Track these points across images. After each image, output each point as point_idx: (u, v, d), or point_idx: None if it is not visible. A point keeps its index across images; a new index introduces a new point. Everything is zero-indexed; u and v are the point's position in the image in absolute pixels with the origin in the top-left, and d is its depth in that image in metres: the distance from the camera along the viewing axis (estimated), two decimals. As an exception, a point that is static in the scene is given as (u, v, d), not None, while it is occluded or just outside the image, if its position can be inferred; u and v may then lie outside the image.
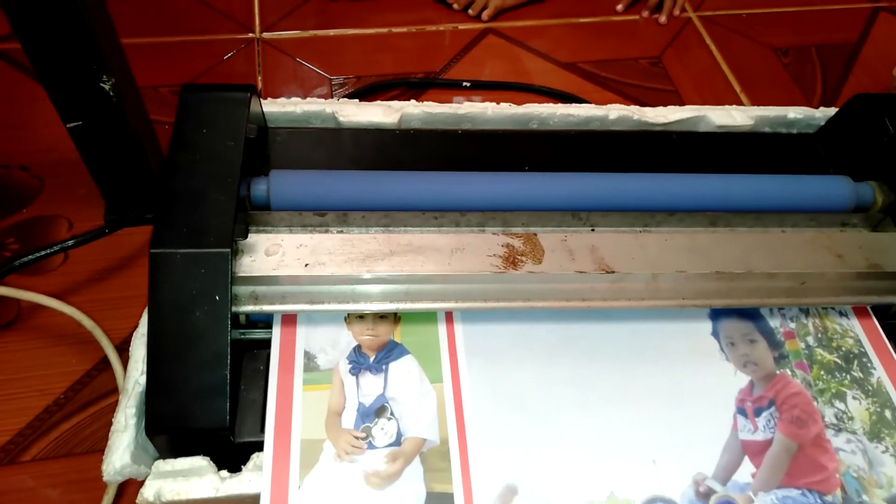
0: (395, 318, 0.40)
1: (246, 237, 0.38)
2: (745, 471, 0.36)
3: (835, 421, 0.38)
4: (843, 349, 0.41)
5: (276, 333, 0.39)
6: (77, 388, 0.45)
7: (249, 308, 0.37)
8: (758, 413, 0.38)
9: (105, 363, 0.46)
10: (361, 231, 0.42)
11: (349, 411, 0.36)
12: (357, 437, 0.35)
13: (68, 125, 0.45)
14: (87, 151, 0.47)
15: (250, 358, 0.39)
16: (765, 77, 0.74)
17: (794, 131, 0.54)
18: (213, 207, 0.37)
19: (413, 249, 0.39)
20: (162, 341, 0.35)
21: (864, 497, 0.36)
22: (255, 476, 0.35)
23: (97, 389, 0.45)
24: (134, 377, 0.37)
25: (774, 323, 0.41)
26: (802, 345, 0.41)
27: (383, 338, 0.39)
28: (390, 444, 0.35)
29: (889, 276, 0.40)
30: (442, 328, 0.39)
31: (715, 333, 0.41)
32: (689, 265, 0.39)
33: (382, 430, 0.35)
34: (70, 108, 0.44)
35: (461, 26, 0.75)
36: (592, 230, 0.43)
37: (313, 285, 0.38)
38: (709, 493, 0.35)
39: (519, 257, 0.39)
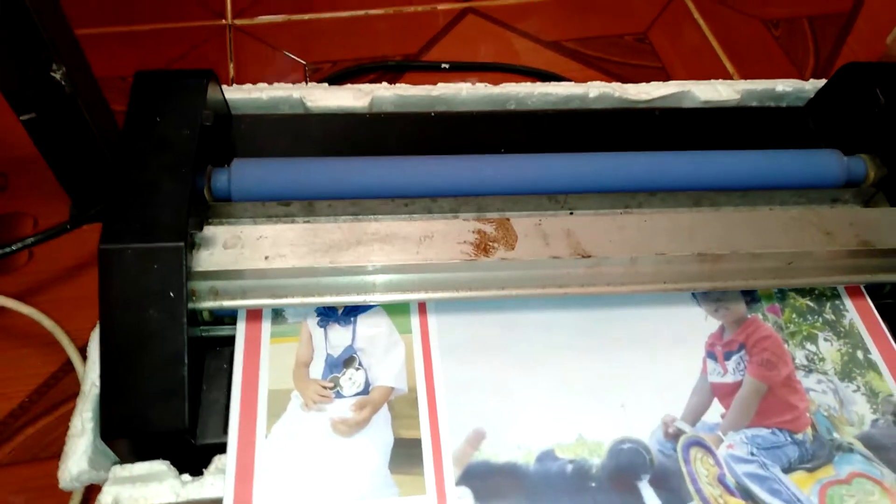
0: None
1: (202, 230, 0.36)
2: (715, 412, 0.36)
3: (805, 363, 0.38)
4: (816, 291, 0.40)
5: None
6: (42, 392, 0.44)
7: (209, 304, 0.36)
8: (727, 357, 0.38)
9: (70, 365, 0.44)
10: (328, 220, 0.40)
11: (317, 362, 0.36)
12: (325, 387, 0.35)
13: (21, 118, 0.43)
14: (45, 145, 0.45)
15: (213, 356, 0.37)
16: (755, 51, 0.71)
17: (784, 105, 0.52)
18: (165, 199, 0.35)
19: (380, 238, 0.37)
20: (115, 342, 0.33)
21: (836, 434, 0.35)
22: (217, 479, 0.33)
23: (62, 392, 0.44)
24: (91, 379, 0.36)
25: None
26: (775, 288, 0.40)
27: None
28: (358, 394, 0.35)
29: (881, 253, 0.39)
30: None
31: None
32: (669, 247, 0.37)
33: (350, 380, 0.35)
34: (21, 99, 0.42)
35: (440, 6, 0.73)
36: (571, 213, 0.41)
37: (276, 278, 0.36)
38: (678, 433, 0.35)
39: (491, 244, 0.37)
